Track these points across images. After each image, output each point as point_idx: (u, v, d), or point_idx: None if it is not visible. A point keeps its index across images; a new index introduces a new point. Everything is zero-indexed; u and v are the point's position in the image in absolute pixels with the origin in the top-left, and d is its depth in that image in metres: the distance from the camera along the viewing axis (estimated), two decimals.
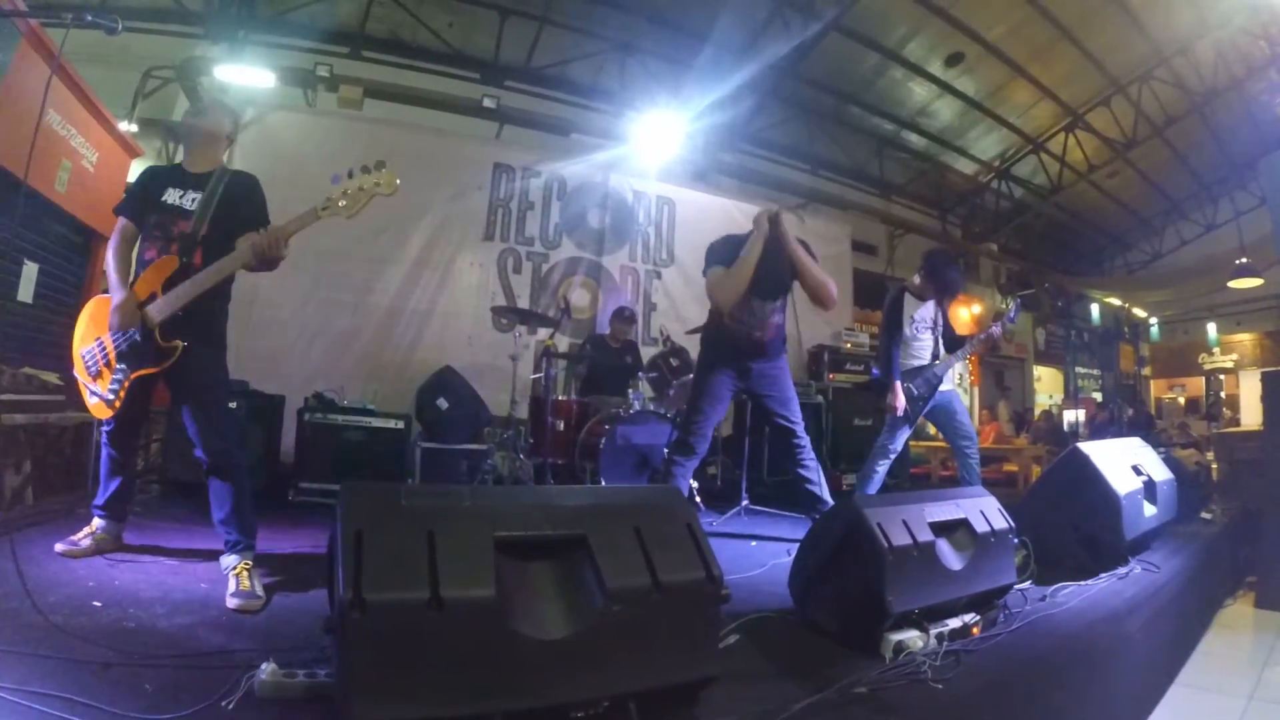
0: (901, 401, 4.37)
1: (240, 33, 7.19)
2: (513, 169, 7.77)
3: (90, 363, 2.82)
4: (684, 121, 8.24)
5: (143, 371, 2.72)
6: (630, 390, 5.50)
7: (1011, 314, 4.68)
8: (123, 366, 2.73)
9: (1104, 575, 3.33)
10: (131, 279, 2.77)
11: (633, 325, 6.58)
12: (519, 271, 7.66)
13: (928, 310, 4.60)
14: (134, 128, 6.68)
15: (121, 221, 2.88)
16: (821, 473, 3.95)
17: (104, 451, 2.92)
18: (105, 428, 2.88)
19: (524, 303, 7.48)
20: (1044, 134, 11.32)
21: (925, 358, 4.53)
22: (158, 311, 2.67)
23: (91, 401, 2.84)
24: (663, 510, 1.89)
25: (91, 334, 2.84)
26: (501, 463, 5.34)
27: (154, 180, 2.93)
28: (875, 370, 5.03)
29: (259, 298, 6.01)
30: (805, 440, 3.90)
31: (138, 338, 2.69)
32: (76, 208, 4.32)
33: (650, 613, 1.66)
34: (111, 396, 2.76)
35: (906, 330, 4.52)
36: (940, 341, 4.59)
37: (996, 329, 4.67)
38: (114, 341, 2.75)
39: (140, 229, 2.86)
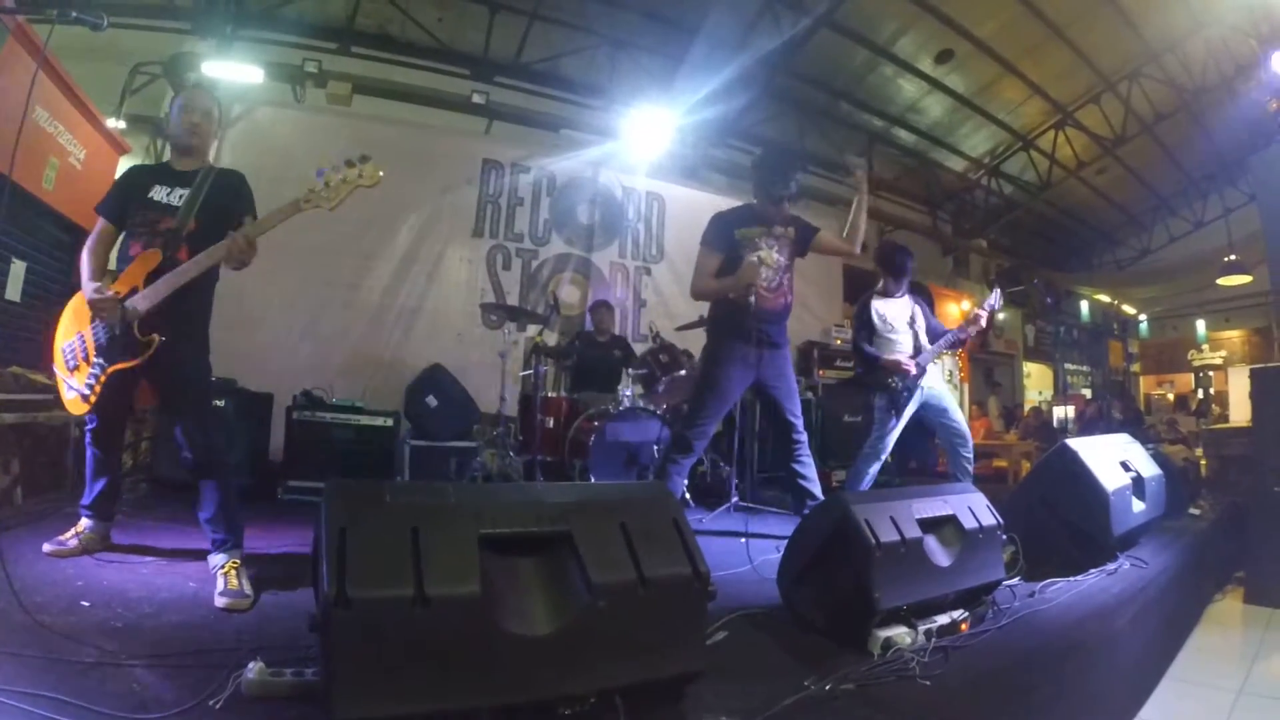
0: (908, 364, 4.38)
1: (228, 28, 7.14)
2: (502, 165, 7.76)
3: (69, 356, 2.80)
4: (674, 117, 8.22)
5: (120, 365, 2.69)
6: (620, 386, 5.49)
7: (994, 302, 4.69)
8: (100, 360, 2.71)
9: (1093, 571, 3.35)
10: (115, 275, 2.75)
11: (612, 313, 6.58)
12: (508, 268, 7.66)
13: (900, 309, 4.62)
14: (122, 124, 6.63)
15: (101, 221, 2.86)
16: (815, 470, 3.97)
17: (88, 451, 2.90)
18: (89, 426, 2.86)
19: (513, 299, 7.48)
20: (1034, 131, 11.32)
21: (905, 353, 4.53)
22: (138, 304, 2.65)
23: (68, 396, 2.81)
24: (649, 506, 1.90)
25: (72, 328, 2.81)
26: (491, 460, 5.34)
27: (139, 178, 2.91)
28: (859, 369, 5.03)
29: (247, 294, 5.95)
30: (804, 436, 3.94)
31: (116, 330, 2.66)
32: (64, 205, 4.29)
33: (636, 608, 1.67)
34: (87, 391, 2.74)
35: (879, 326, 4.55)
36: (920, 339, 4.59)
37: (979, 316, 4.68)
38: (93, 334, 2.73)
39: (122, 228, 2.83)
